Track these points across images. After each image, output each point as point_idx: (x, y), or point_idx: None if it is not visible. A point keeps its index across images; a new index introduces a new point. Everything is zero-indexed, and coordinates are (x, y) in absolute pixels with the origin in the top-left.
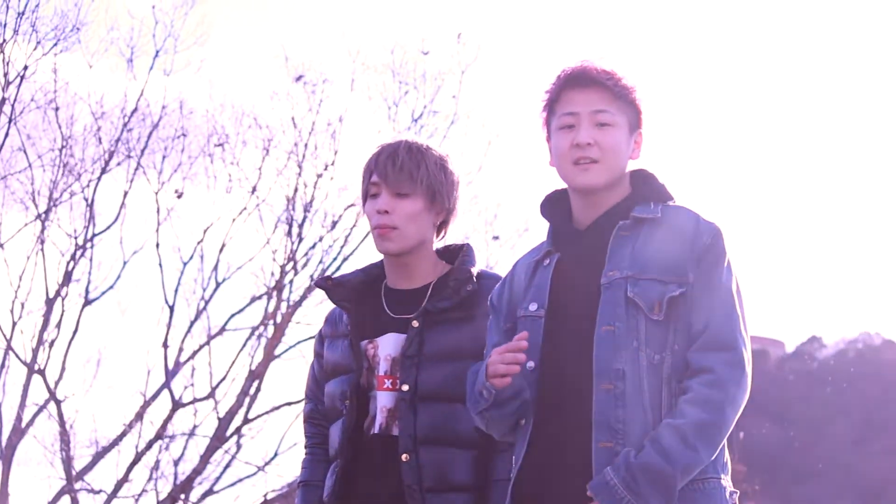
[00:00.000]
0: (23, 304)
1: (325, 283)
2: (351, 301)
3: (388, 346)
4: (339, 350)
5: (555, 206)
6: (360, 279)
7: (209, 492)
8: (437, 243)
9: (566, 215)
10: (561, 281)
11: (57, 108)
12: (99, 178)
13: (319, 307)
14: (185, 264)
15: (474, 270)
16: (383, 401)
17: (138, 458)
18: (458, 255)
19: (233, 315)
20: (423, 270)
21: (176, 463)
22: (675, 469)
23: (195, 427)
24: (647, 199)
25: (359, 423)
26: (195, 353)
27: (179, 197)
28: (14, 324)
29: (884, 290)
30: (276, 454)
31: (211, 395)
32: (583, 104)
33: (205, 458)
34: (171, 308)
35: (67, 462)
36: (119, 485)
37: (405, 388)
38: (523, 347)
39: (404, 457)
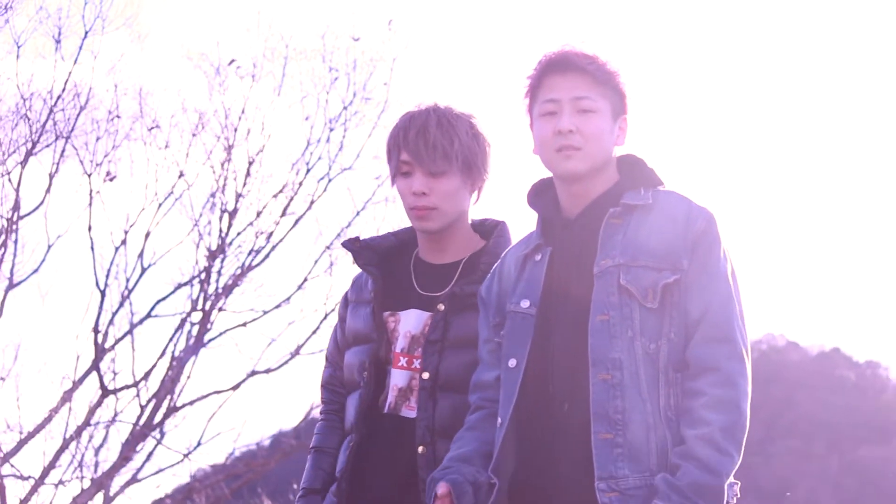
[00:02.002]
0: None
1: (353, 244)
2: (378, 267)
3: (409, 323)
4: (360, 317)
5: (542, 195)
6: (390, 243)
7: (133, 479)
8: (473, 210)
9: (554, 205)
10: (554, 275)
11: None
12: (25, 160)
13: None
14: (117, 248)
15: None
16: (396, 379)
17: (66, 444)
18: (493, 232)
19: (158, 301)
20: (457, 244)
21: (97, 451)
22: (721, 479)
23: (116, 414)
24: (636, 185)
25: (374, 398)
26: (120, 339)
27: (112, 180)
28: None
29: (788, 292)
30: (199, 443)
31: (143, 380)
32: (564, 90)
33: (131, 446)
34: (103, 292)
35: None
36: (46, 471)
37: (426, 375)
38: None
39: (420, 449)
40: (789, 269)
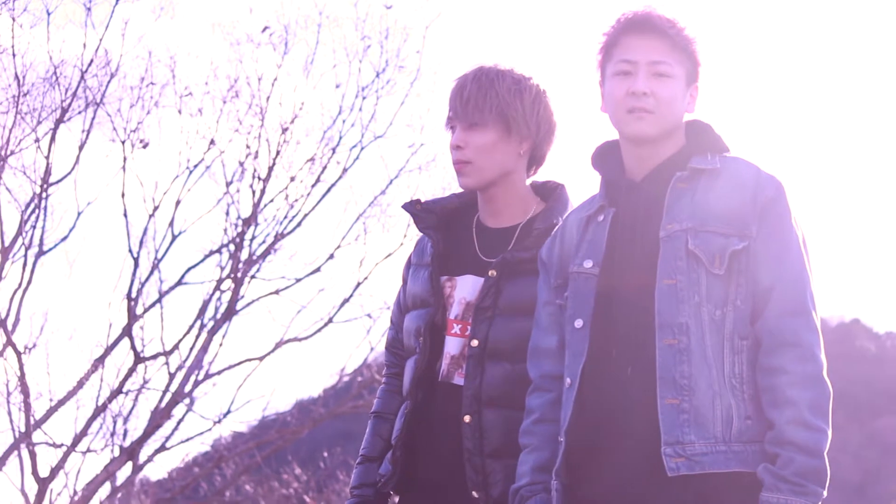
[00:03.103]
0: None
1: (414, 207)
2: (438, 230)
3: (464, 288)
4: (419, 281)
5: (606, 157)
6: (453, 206)
7: (162, 447)
8: (538, 173)
9: (619, 167)
10: (617, 236)
11: (14, 55)
12: (56, 128)
13: (275, 264)
14: (150, 216)
15: (561, 218)
16: (449, 346)
17: (100, 411)
18: (551, 195)
19: (189, 269)
20: (512, 208)
21: (126, 419)
22: (822, 458)
23: (146, 382)
24: (703, 151)
25: (431, 364)
26: (151, 306)
27: (145, 147)
28: None
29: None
30: (228, 411)
31: (175, 348)
32: (642, 52)
33: (164, 413)
34: (136, 259)
35: (27, 412)
36: (78, 438)
37: (474, 343)
38: None
39: (466, 418)
40: (808, 239)
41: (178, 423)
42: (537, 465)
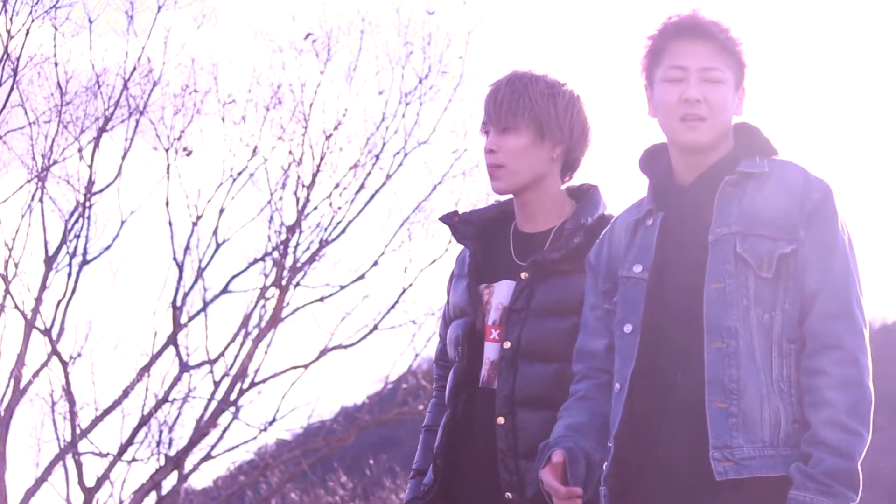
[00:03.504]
0: (16, 264)
1: (451, 218)
2: (476, 240)
3: (500, 294)
4: (459, 291)
5: (654, 161)
6: (491, 215)
7: (207, 456)
8: (574, 178)
9: (667, 171)
10: (666, 240)
11: (56, 64)
12: (98, 136)
13: (320, 271)
14: (194, 224)
15: (591, 218)
16: (488, 352)
17: (146, 419)
18: (584, 196)
19: (233, 277)
20: (547, 212)
21: (171, 427)
22: (854, 461)
23: (190, 391)
24: (752, 154)
25: (471, 372)
26: (195, 314)
27: (189, 155)
28: (8, 283)
29: None
30: (274, 419)
31: (221, 356)
32: (693, 58)
33: (210, 422)
34: (180, 268)
35: (72, 422)
36: (124, 447)
37: (507, 344)
38: (575, 495)
39: (500, 419)
40: (855, 243)
41: (224, 431)
42: (570, 425)
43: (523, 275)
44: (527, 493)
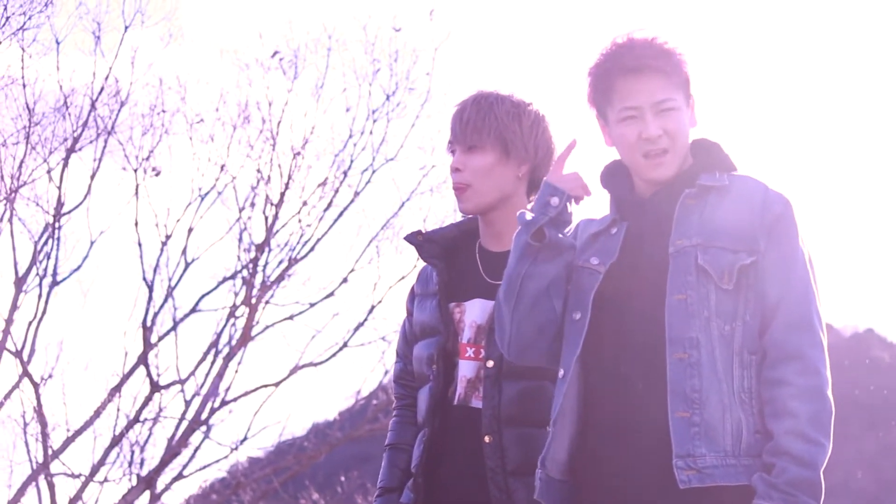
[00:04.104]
0: None
1: (416, 238)
2: (442, 258)
3: (474, 312)
4: (427, 310)
5: (614, 176)
6: (453, 234)
7: (179, 475)
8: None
9: (627, 185)
10: (628, 249)
11: (24, 85)
12: (67, 157)
13: (289, 290)
14: (163, 244)
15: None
16: (464, 370)
17: (118, 440)
18: None
19: (203, 296)
20: (513, 231)
21: (143, 447)
22: (817, 470)
23: (161, 410)
24: (711, 169)
25: (445, 390)
26: (165, 334)
27: (157, 175)
28: None
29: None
30: (245, 437)
31: (191, 375)
32: (644, 96)
33: (181, 441)
34: (150, 287)
35: (44, 443)
36: (96, 468)
37: (490, 364)
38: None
39: (487, 438)
40: (820, 250)
41: (195, 450)
42: None
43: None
44: None
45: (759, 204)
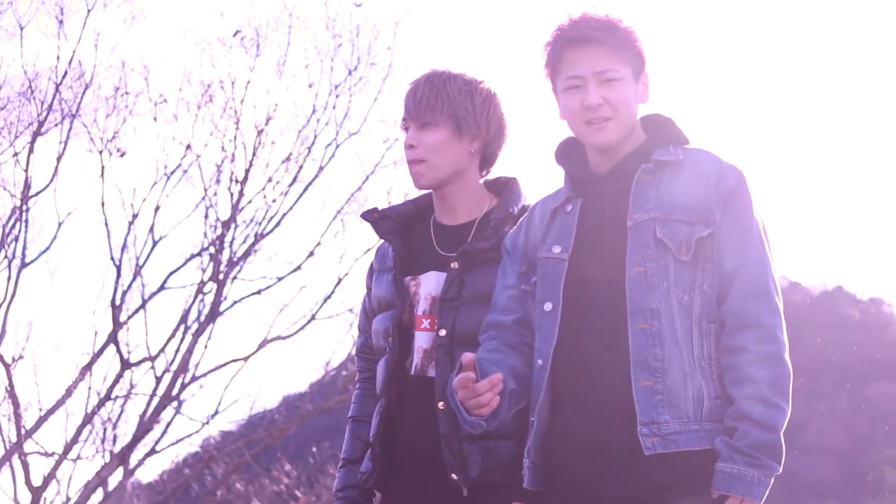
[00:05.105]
0: None
1: (371, 215)
2: (397, 234)
3: (429, 285)
4: (384, 285)
5: (569, 152)
6: (409, 210)
7: (152, 451)
8: (492, 173)
9: (582, 161)
10: (585, 225)
11: None
12: (33, 140)
13: (257, 265)
14: (130, 223)
15: (516, 208)
16: (420, 341)
17: (89, 418)
18: (504, 188)
19: (171, 273)
20: (467, 205)
21: (115, 424)
22: (778, 433)
23: (132, 387)
24: (665, 144)
25: (401, 362)
26: (135, 312)
27: (122, 156)
28: None
29: (788, 232)
30: (216, 411)
31: (161, 352)
32: (586, 65)
33: (152, 417)
34: (118, 267)
35: (17, 422)
36: (69, 446)
37: (442, 332)
38: (497, 382)
39: (441, 404)
40: (788, 209)
41: (167, 426)
42: (484, 357)
43: (453, 265)
44: (471, 473)
45: (714, 177)
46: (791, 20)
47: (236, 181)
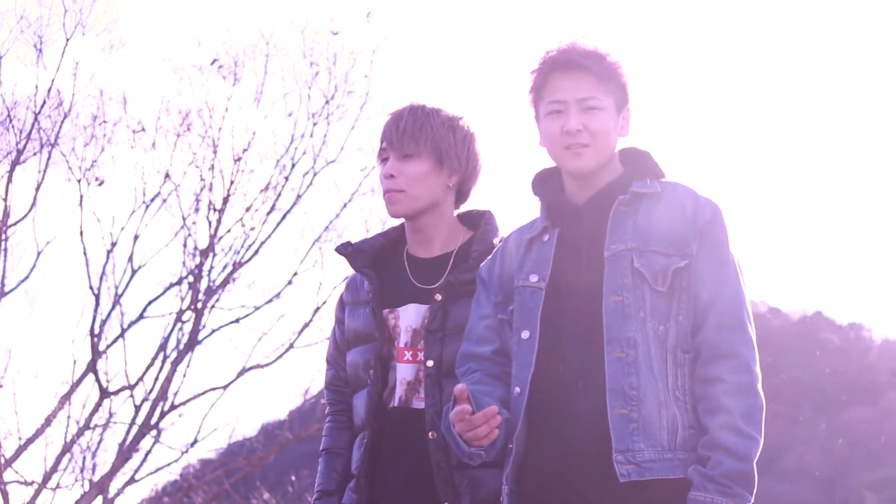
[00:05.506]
0: None
1: (346, 248)
2: (371, 268)
3: (409, 317)
4: (360, 318)
5: (546, 183)
6: (380, 244)
7: (131, 480)
8: (462, 208)
9: (559, 191)
10: (562, 255)
11: None
12: (12, 169)
13: (235, 293)
14: (109, 252)
15: (496, 240)
16: (403, 373)
17: (69, 446)
18: (479, 221)
19: (150, 302)
20: (442, 237)
21: (94, 453)
22: (750, 463)
23: (111, 416)
24: (642, 176)
25: (380, 394)
26: (114, 341)
27: (101, 184)
28: None
29: (767, 258)
30: (195, 440)
31: (140, 381)
32: (570, 91)
33: (131, 446)
34: (97, 296)
35: None
36: (48, 475)
37: (430, 363)
38: (493, 415)
39: (431, 434)
40: (767, 235)
41: (146, 454)
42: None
43: (437, 296)
44: (462, 501)
45: (691, 209)
46: (758, 62)
47: (214, 210)
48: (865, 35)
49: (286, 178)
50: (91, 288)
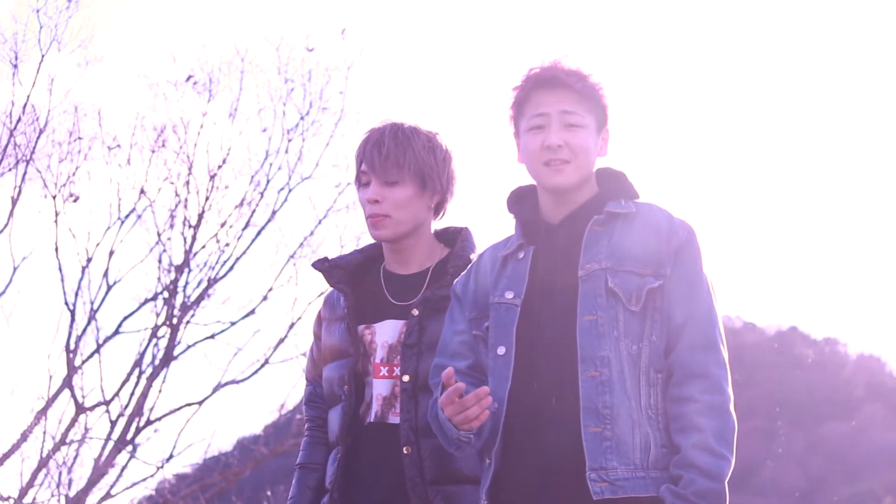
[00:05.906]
0: None
1: (323, 265)
2: (348, 283)
3: (385, 333)
4: (336, 334)
5: (522, 201)
6: (357, 260)
7: (107, 495)
8: (437, 223)
9: (535, 209)
10: (538, 272)
11: None
12: None
13: (210, 309)
14: (84, 268)
15: (473, 256)
16: (379, 388)
17: (45, 462)
18: (457, 238)
19: (125, 318)
20: (420, 255)
21: (70, 469)
22: (722, 482)
23: (87, 431)
24: (617, 196)
25: (355, 410)
26: (89, 356)
27: (75, 201)
28: None
29: (742, 273)
30: (171, 455)
31: (116, 396)
32: (552, 104)
33: (107, 461)
34: (72, 311)
35: None
36: (24, 490)
37: (406, 378)
38: (484, 395)
39: (406, 449)
40: (742, 250)
41: (122, 470)
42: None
43: (415, 311)
44: None
45: (665, 230)
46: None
47: (190, 226)
48: (821, 65)
49: (261, 195)
50: (66, 303)
